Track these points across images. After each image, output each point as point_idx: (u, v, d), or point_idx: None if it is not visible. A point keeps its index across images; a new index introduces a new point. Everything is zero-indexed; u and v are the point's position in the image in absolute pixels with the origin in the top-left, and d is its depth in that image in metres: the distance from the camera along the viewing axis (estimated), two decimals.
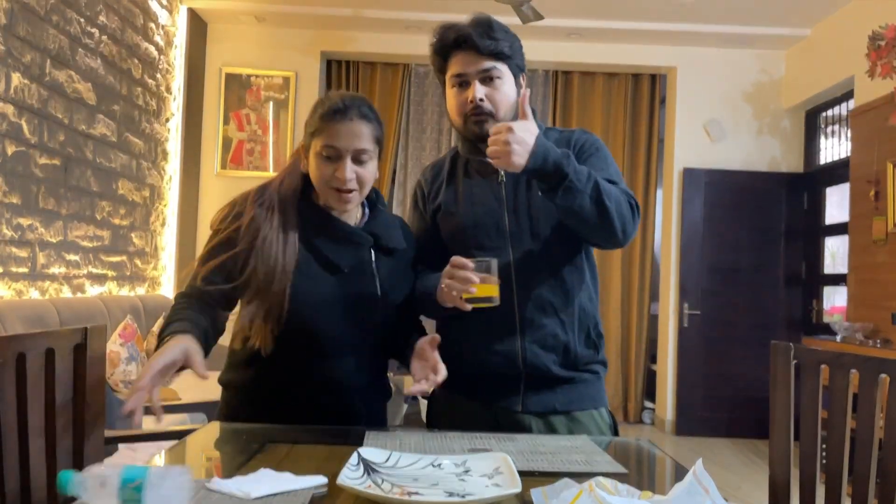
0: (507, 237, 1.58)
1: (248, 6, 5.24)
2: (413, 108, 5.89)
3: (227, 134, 5.57)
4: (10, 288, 3.28)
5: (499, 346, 1.56)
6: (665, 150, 5.96)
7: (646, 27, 5.35)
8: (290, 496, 1.02)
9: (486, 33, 1.56)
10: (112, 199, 4.23)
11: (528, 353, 1.55)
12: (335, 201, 1.49)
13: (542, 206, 1.57)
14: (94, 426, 1.44)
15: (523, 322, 1.56)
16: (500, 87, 1.58)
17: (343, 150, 1.45)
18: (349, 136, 1.45)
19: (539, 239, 1.58)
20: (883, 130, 4.23)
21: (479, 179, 1.64)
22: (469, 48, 1.57)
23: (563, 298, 1.58)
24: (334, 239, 1.51)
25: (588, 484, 0.96)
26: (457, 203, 1.64)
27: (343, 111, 1.46)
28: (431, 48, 1.64)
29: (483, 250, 1.56)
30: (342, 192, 1.47)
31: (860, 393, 1.46)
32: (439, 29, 1.63)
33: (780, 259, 5.62)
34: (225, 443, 1.44)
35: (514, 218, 1.59)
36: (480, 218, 1.61)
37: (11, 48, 3.20)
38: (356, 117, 1.47)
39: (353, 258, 1.51)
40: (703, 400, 5.56)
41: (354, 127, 1.46)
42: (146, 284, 4.76)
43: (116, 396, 2.92)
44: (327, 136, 1.46)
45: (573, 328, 1.58)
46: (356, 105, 1.48)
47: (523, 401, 1.57)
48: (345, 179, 1.45)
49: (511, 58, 1.59)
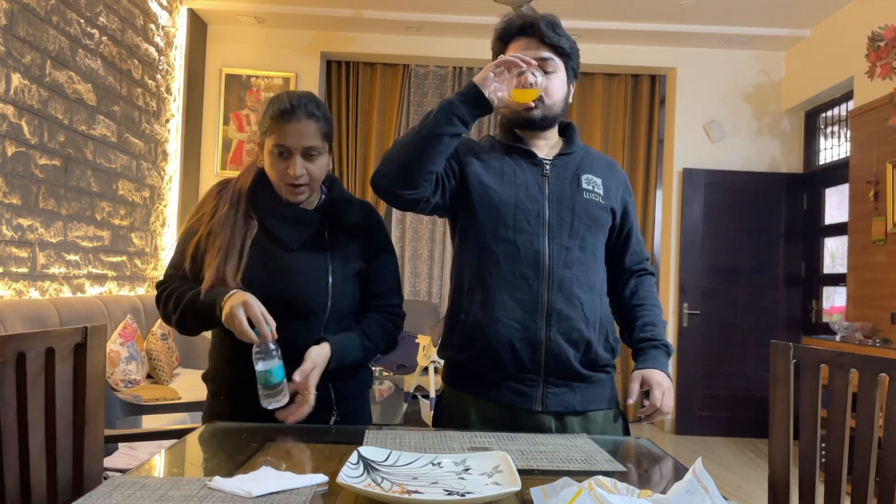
0: (545, 226, 1.59)
1: (248, 7, 5.24)
2: (413, 108, 5.89)
3: (227, 134, 5.58)
4: (10, 288, 3.28)
5: (524, 331, 1.55)
6: (665, 151, 5.96)
7: (645, 28, 5.35)
8: (291, 495, 1.02)
9: (551, 26, 1.60)
10: (112, 200, 4.23)
11: (552, 343, 1.55)
12: (288, 194, 1.59)
13: (585, 209, 1.61)
14: (94, 426, 1.44)
15: (550, 311, 1.55)
16: (554, 79, 1.60)
17: (292, 148, 1.55)
18: (297, 135, 1.54)
19: (575, 236, 1.60)
20: (882, 131, 4.23)
21: (524, 166, 1.64)
22: (532, 35, 1.60)
23: (589, 296, 1.60)
24: (284, 220, 1.61)
25: (588, 483, 0.96)
26: (501, 179, 1.63)
27: (290, 111, 1.54)
28: (495, 33, 1.66)
29: (519, 233, 1.58)
30: (294, 186, 1.57)
31: (859, 392, 1.46)
32: (506, 17, 1.67)
33: (780, 259, 5.62)
34: (225, 442, 1.44)
35: (555, 210, 1.60)
36: (522, 201, 1.60)
37: (11, 49, 3.21)
38: (303, 116, 1.54)
39: (303, 236, 1.61)
40: (702, 399, 5.57)
41: (302, 126, 1.54)
42: (146, 284, 4.76)
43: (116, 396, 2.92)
44: (278, 136, 1.55)
45: (595, 328, 1.60)
46: (303, 104, 1.55)
47: (543, 399, 1.56)
48: (295, 175, 1.55)
49: (570, 57, 1.63)
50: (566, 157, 1.66)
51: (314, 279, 1.59)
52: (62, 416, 1.38)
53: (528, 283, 1.56)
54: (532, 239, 1.57)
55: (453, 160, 1.63)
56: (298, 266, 1.59)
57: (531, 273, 1.56)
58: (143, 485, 1.05)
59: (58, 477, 1.36)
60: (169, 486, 1.04)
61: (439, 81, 5.89)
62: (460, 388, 1.62)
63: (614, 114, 5.94)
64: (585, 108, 5.93)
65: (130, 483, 1.05)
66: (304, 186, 1.58)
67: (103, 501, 0.97)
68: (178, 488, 1.03)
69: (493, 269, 1.58)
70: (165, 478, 1.13)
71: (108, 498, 0.98)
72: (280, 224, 1.61)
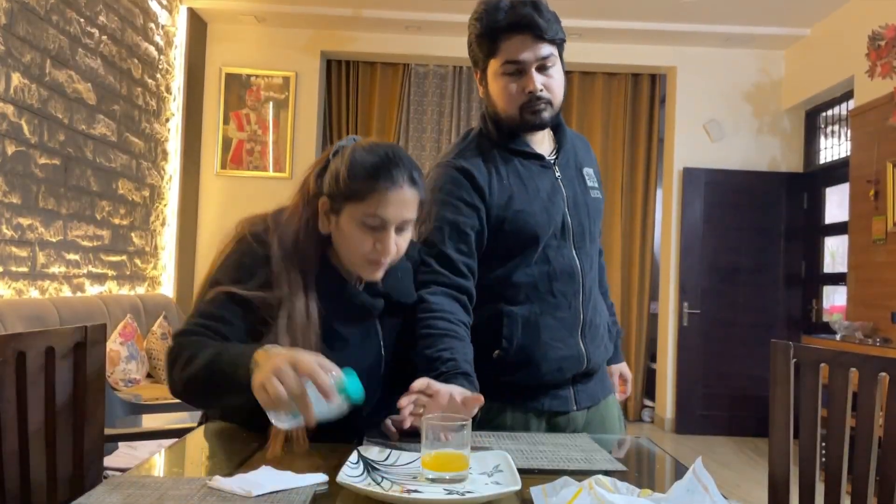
0: (569, 236, 1.53)
1: (247, 6, 5.24)
2: (413, 108, 5.89)
3: (227, 134, 5.57)
4: (10, 287, 3.28)
5: (567, 350, 1.53)
6: (665, 150, 5.96)
7: (645, 27, 5.35)
8: (291, 494, 1.02)
9: (544, 15, 1.44)
10: (112, 199, 4.23)
11: (591, 355, 1.57)
12: (368, 273, 1.30)
13: (595, 208, 1.58)
14: (93, 425, 1.44)
15: (584, 324, 1.55)
16: (555, 74, 1.49)
17: (391, 220, 1.25)
18: (399, 204, 1.25)
19: (593, 241, 1.58)
20: (883, 130, 4.23)
21: (536, 171, 1.53)
22: (526, 32, 1.44)
23: (604, 298, 1.66)
24: (346, 309, 1.33)
25: (588, 482, 0.96)
26: (527, 195, 1.50)
27: (394, 176, 1.25)
28: (476, 30, 1.48)
29: (551, 248, 1.51)
30: (379, 263, 1.28)
31: (860, 391, 1.46)
32: (484, 9, 1.46)
33: (780, 258, 5.62)
34: (225, 441, 1.44)
35: (575, 218, 1.54)
36: (551, 214, 1.51)
37: (11, 48, 3.20)
38: (406, 182, 1.26)
39: (362, 329, 1.36)
40: (702, 398, 5.57)
41: (405, 194, 1.25)
42: (146, 284, 4.76)
43: (116, 395, 2.92)
44: (372, 204, 1.24)
45: (607, 322, 1.66)
46: (405, 165, 1.27)
47: (576, 398, 1.58)
48: (388, 252, 1.26)
49: (564, 39, 1.50)
50: (564, 151, 1.60)
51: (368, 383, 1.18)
52: (62, 415, 1.38)
53: (568, 300, 1.53)
54: (563, 252, 1.52)
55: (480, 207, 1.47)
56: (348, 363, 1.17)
57: (569, 289, 1.53)
58: (143, 484, 1.05)
59: (58, 476, 1.36)
60: (169, 486, 1.04)
61: (439, 81, 5.89)
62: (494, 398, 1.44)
63: (614, 113, 5.94)
64: (585, 107, 5.93)
65: (130, 482, 1.05)
66: (387, 262, 1.29)
67: (103, 500, 0.97)
68: (178, 488, 1.03)
69: (534, 295, 1.51)
70: (165, 477, 1.13)
71: (108, 497, 0.98)
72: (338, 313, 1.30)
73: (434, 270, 1.45)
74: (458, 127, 5.82)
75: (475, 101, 5.86)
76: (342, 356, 1.19)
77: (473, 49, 1.52)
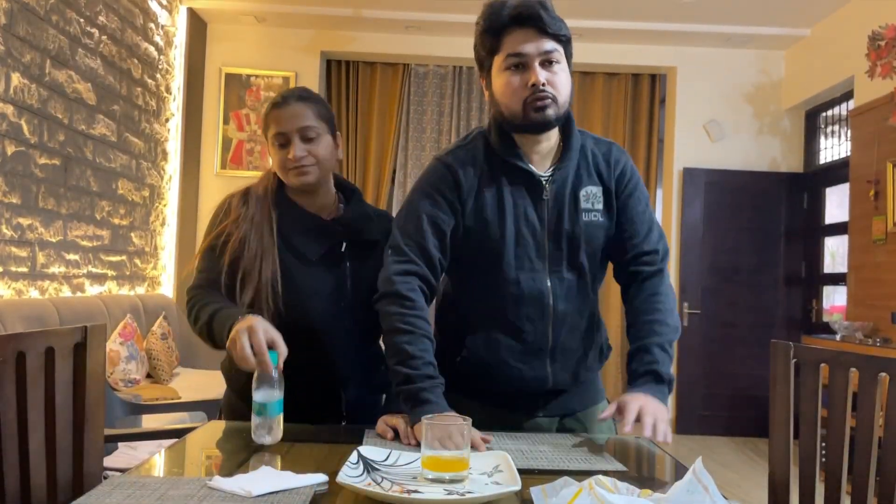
0: (545, 259, 1.48)
1: (247, 6, 5.24)
2: (413, 108, 5.88)
3: (227, 134, 5.57)
4: (9, 287, 3.28)
5: (529, 372, 1.51)
6: (665, 150, 5.96)
7: (645, 27, 5.35)
8: (290, 494, 1.02)
9: (548, 11, 1.42)
10: (112, 199, 4.23)
11: (557, 377, 1.53)
12: (295, 178, 1.57)
13: (585, 233, 1.49)
14: (94, 425, 1.44)
15: (554, 349, 1.51)
16: (560, 72, 1.44)
17: (289, 132, 1.55)
18: (290, 118, 1.56)
19: (574, 266, 1.50)
20: (883, 130, 4.23)
21: (522, 191, 1.48)
22: (530, 25, 1.41)
23: (588, 321, 1.56)
24: (305, 231, 1.59)
25: (588, 482, 0.96)
26: (499, 212, 1.47)
27: (281, 101, 1.58)
28: (480, 27, 1.48)
29: (521, 271, 1.47)
30: (299, 168, 1.55)
31: (860, 392, 1.46)
32: (489, 8, 1.46)
33: (780, 259, 5.62)
34: (225, 441, 1.44)
35: (554, 242, 1.48)
36: (523, 235, 1.47)
37: (11, 48, 3.20)
38: (294, 101, 1.58)
39: (323, 249, 1.59)
40: (702, 398, 5.57)
41: (293, 109, 1.57)
42: (146, 284, 4.76)
43: (116, 396, 2.92)
44: (273, 125, 1.57)
45: (591, 345, 1.58)
46: (294, 93, 1.60)
47: (544, 406, 1.56)
48: (295, 157, 1.54)
49: (569, 43, 1.47)
50: (564, 166, 1.50)
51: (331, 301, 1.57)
52: (62, 415, 1.38)
53: (534, 325, 1.49)
54: (535, 276, 1.47)
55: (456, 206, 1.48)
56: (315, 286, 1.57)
57: (536, 314, 1.48)
58: (143, 484, 1.05)
59: (58, 476, 1.36)
60: (169, 486, 1.04)
61: (439, 81, 5.89)
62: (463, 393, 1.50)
63: (614, 113, 5.94)
64: (585, 107, 5.93)
65: (130, 482, 1.05)
66: (309, 167, 1.55)
67: (103, 501, 0.97)
68: (178, 488, 1.03)
69: (498, 314, 1.49)
70: (165, 477, 1.13)
71: (107, 497, 0.98)
72: (298, 235, 1.59)
73: (412, 260, 1.46)
74: (457, 127, 5.82)
75: (475, 102, 5.86)
76: (308, 272, 1.56)
77: (478, 48, 1.50)
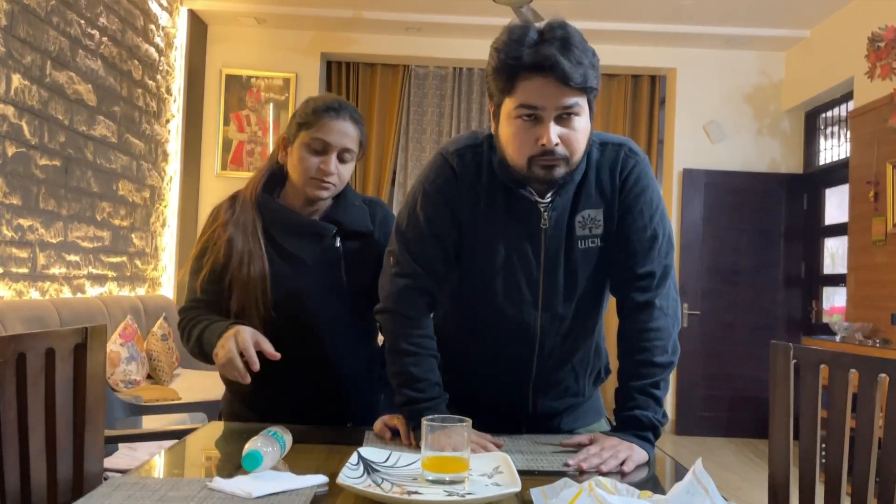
0: (538, 295, 1.37)
1: (248, 8, 5.25)
2: (413, 109, 5.89)
3: (228, 135, 5.58)
4: (10, 288, 3.28)
5: (510, 398, 1.46)
6: (665, 151, 5.96)
7: (645, 28, 5.35)
8: (291, 495, 1.02)
9: (574, 57, 1.23)
10: (112, 200, 4.23)
11: (540, 405, 1.47)
12: (313, 190, 1.54)
13: (582, 262, 1.37)
14: (94, 426, 1.44)
15: (539, 379, 1.44)
16: (578, 125, 1.27)
17: (333, 144, 1.52)
18: (340, 133, 1.52)
19: (571, 301, 1.38)
20: (882, 131, 4.23)
21: (519, 216, 1.35)
22: (549, 75, 1.22)
23: (583, 353, 1.47)
24: (296, 234, 1.57)
25: (587, 483, 0.96)
26: (492, 236, 1.36)
27: (337, 109, 1.54)
28: (494, 61, 1.27)
29: (510, 302, 1.37)
30: (323, 182, 1.53)
31: (859, 392, 1.46)
32: (507, 39, 1.26)
33: (780, 259, 5.62)
34: (225, 442, 1.44)
35: (550, 275, 1.36)
36: (514, 265, 1.36)
37: (12, 49, 3.21)
38: (349, 118, 1.54)
39: (317, 249, 1.57)
40: (702, 400, 5.57)
41: (346, 127, 1.53)
42: (146, 285, 4.76)
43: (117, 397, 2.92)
44: (318, 130, 1.52)
45: (585, 374, 1.51)
46: (349, 108, 1.56)
47: (525, 424, 1.50)
48: (328, 172, 1.52)
49: (595, 88, 1.28)
50: (564, 193, 1.34)
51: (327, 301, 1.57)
52: (62, 416, 1.38)
53: (520, 356, 1.41)
54: (523, 309, 1.37)
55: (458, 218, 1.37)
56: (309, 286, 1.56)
57: (522, 347, 1.40)
58: (143, 485, 1.05)
59: (58, 477, 1.36)
60: (169, 487, 1.04)
61: (439, 82, 5.89)
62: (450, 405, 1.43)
63: (614, 114, 5.94)
64: None
65: (130, 483, 1.05)
66: (331, 185, 1.54)
67: (103, 502, 0.97)
68: (178, 489, 1.03)
69: (480, 343, 1.43)
70: (165, 478, 1.13)
71: (108, 498, 0.98)
72: (291, 238, 1.57)
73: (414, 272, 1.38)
74: (458, 128, 5.82)
75: (475, 103, 5.86)
76: (301, 271, 1.55)
77: (489, 81, 1.31)
